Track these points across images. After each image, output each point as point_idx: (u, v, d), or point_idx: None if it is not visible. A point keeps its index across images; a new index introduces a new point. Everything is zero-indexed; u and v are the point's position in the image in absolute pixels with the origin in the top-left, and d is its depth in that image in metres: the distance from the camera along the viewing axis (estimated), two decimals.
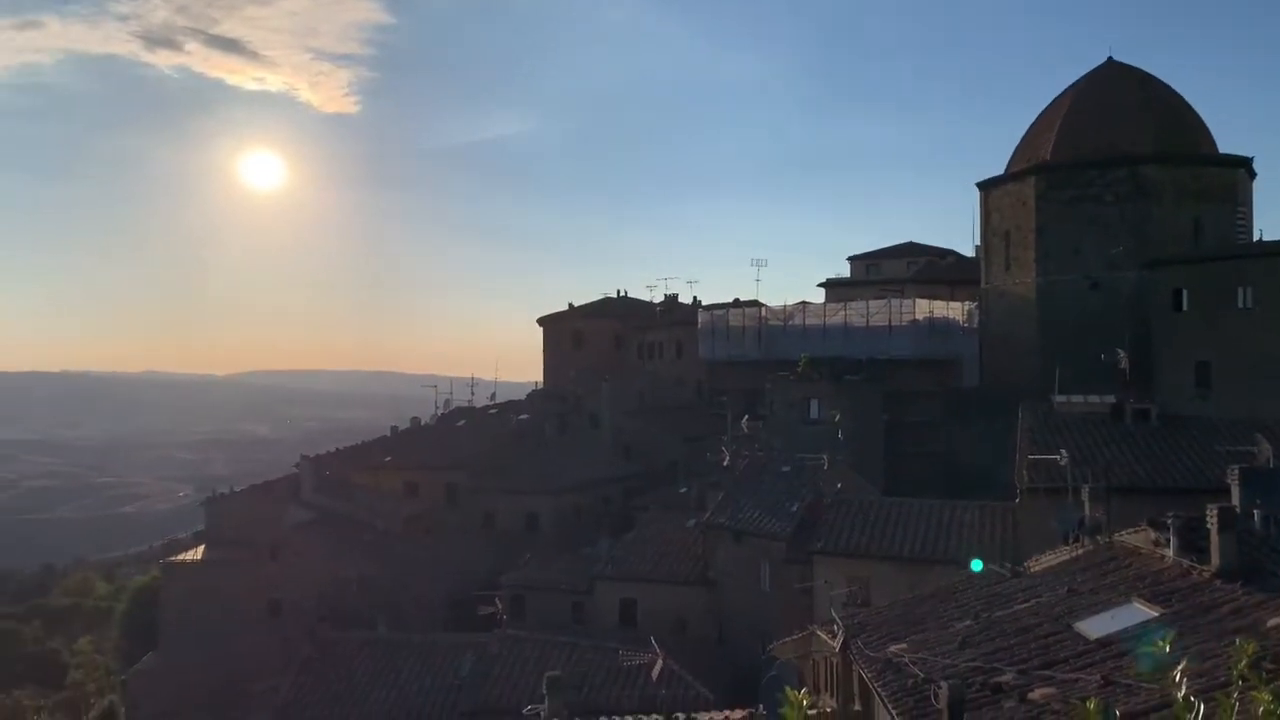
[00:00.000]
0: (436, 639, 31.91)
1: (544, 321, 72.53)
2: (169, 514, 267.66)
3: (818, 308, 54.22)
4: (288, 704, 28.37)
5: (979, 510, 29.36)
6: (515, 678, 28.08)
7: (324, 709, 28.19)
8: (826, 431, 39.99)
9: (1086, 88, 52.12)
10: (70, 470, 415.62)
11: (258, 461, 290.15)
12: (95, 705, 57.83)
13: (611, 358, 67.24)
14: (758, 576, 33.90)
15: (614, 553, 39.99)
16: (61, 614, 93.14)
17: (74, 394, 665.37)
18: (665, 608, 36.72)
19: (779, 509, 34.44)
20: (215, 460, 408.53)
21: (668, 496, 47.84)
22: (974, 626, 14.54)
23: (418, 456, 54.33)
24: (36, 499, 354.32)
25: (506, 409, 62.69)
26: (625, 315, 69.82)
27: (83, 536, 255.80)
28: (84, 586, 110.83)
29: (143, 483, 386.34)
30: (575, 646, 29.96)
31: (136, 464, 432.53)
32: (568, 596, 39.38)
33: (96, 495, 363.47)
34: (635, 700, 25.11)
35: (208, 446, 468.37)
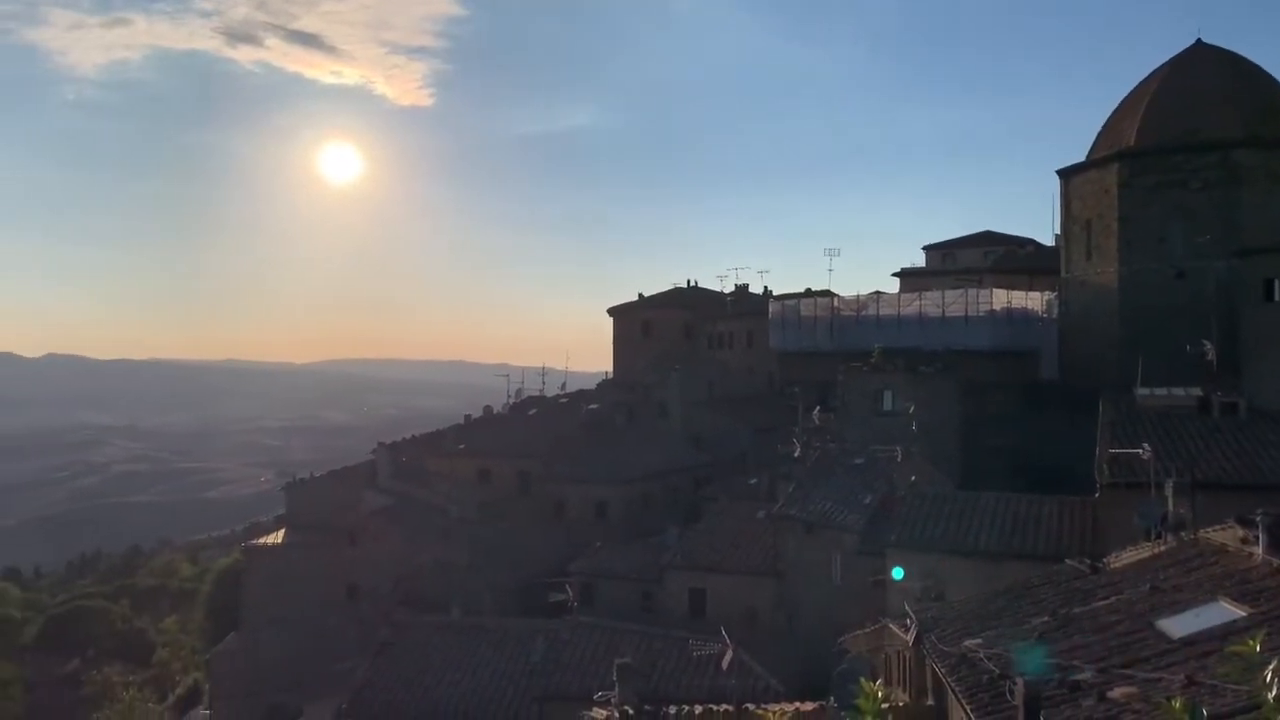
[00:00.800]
0: (509, 624, 32.33)
1: (614, 312, 72.76)
2: (251, 498, 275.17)
3: (892, 298, 53.50)
4: (365, 685, 29.02)
5: (1057, 505, 28.73)
6: (586, 664, 28.34)
7: (400, 691, 28.78)
8: (900, 424, 39.48)
9: (1173, 71, 50.47)
10: (157, 455, 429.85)
11: (336, 448, 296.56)
12: (180, 683, 59.85)
13: (681, 348, 67.21)
14: (829, 569, 33.67)
15: (683, 542, 40.06)
16: (148, 594, 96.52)
17: (161, 382, 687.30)
18: (735, 598, 36.68)
19: (851, 501, 34.14)
20: (295, 446, 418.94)
21: (737, 487, 47.73)
22: (1051, 623, 14.26)
23: (490, 444, 55.03)
24: (125, 483, 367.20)
25: (577, 399, 63.10)
26: (695, 305, 69.70)
27: (168, 520, 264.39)
28: (170, 568, 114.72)
29: (226, 468, 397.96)
30: (645, 634, 30.11)
31: (220, 450, 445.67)
32: (637, 585, 39.57)
33: (182, 480, 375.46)
34: (705, 689, 25.14)
35: (288, 433, 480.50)
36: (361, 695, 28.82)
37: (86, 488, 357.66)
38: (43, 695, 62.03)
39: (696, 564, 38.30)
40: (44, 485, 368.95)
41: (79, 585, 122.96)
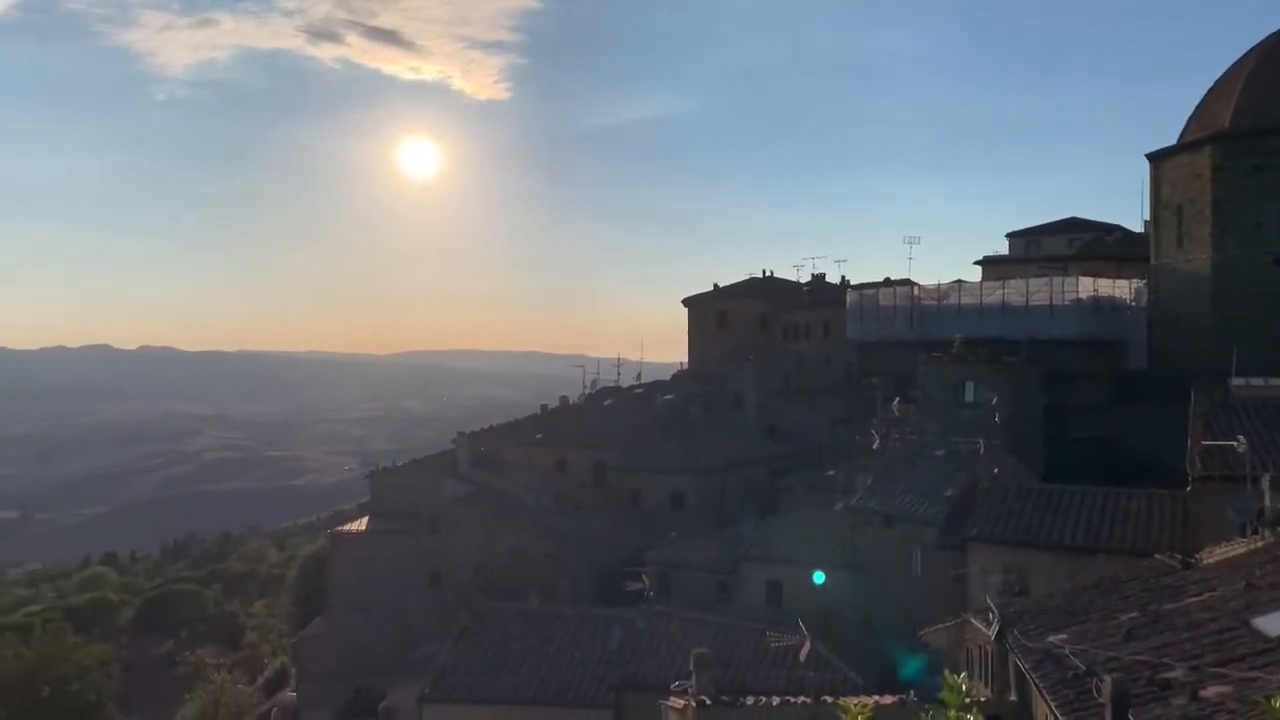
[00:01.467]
0: (586, 613, 32.62)
1: (689, 302, 72.71)
2: (336, 486, 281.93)
3: (974, 286, 52.46)
4: (446, 670, 29.58)
5: (1146, 498, 27.95)
6: (662, 653, 28.47)
7: (480, 676, 29.27)
8: (982, 415, 38.75)
9: (1270, 50, 48.52)
10: (246, 444, 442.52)
11: (417, 437, 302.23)
12: (269, 665, 61.63)
13: (757, 338, 66.89)
14: (908, 562, 33.26)
15: (759, 534, 39.94)
16: (238, 579, 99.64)
17: (249, 373, 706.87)
18: (812, 590, 36.43)
19: (932, 494, 33.66)
20: (378, 436, 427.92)
21: (814, 479, 47.37)
22: (1140, 619, 13.91)
23: (567, 435, 55.51)
24: (215, 471, 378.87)
25: (652, 389, 63.27)
26: (771, 295, 69.27)
27: (257, 507, 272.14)
28: (258, 553, 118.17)
29: (311, 457, 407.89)
30: (721, 625, 30.13)
31: (306, 439, 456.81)
32: (713, 576, 39.57)
33: (269, 468, 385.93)
34: (782, 681, 25.07)
35: (371, 423, 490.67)
36: (443, 679, 29.38)
37: (179, 475, 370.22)
38: (140, 675, 64.46)
39: (773, 556, 38.15)
40: (139, 473, 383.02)
41: (173, 570, 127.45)
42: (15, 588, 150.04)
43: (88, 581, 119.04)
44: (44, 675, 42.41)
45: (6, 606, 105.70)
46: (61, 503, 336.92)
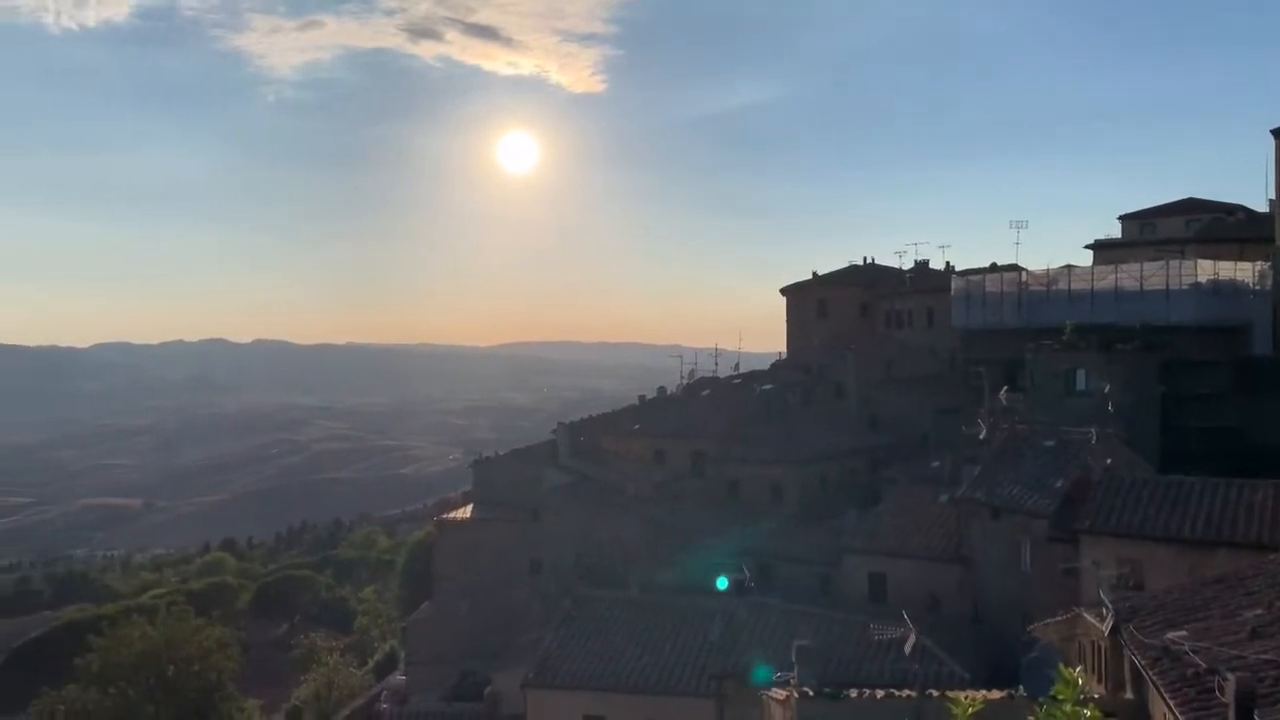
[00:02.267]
0: (686, 602, 32.70)
1: (787, 291, 72.04)
2: (441, 475, 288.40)
3: (1085, 271, 50.71)
4: (549, 656, 30.02)
5: (1274, 490, 26.65)
6: (763, 644, 28.36)
7: (582, 663, 29.62)
8: (1094, 404, 37.48)
9: None
10: (355, 434, 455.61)
11: (518, 427, 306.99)
12: (379, 649, 63.45)
13: (857, 327, 65.91)
14: (1017, 555, 32.42)
15: (862, 525, 39.41)
16: (349, 565, 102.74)
17: (358, 365, 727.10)
18: (916, 583, 35.84)
19: (1041, 485, 32.73)
20: (480, 426, 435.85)
21: (917, 470, 46.52)
22: (1265, 616, 13.29)
23: (665, 425, 55.62)
24: (327, 460, 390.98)
25: (750, 379, 62.91)
26: (872, 283, 68.14)
27: (366, 495, 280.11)
28: (368, 540, 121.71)
29: (418, 446, 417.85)
30: (823, 617, 29.88)
31: (412, 429, 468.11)
32: (814, 568, 39.23)
33: (378, 457, 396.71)
34: (886, 674, 24.74)
35: (473, 413, 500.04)
36: (546, 665, 29.83)
37: (292, 465, 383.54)
38: (257, 657, 67.13)
39: (876, 548, 37.62)
40: (255, 462, 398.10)
41: (287, 556, 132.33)
42: (141, 572, 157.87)
43: (208, 566, 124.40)
44: (169, 655, 44.39)
45: (133, 590, 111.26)
46: (182, 491, 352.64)
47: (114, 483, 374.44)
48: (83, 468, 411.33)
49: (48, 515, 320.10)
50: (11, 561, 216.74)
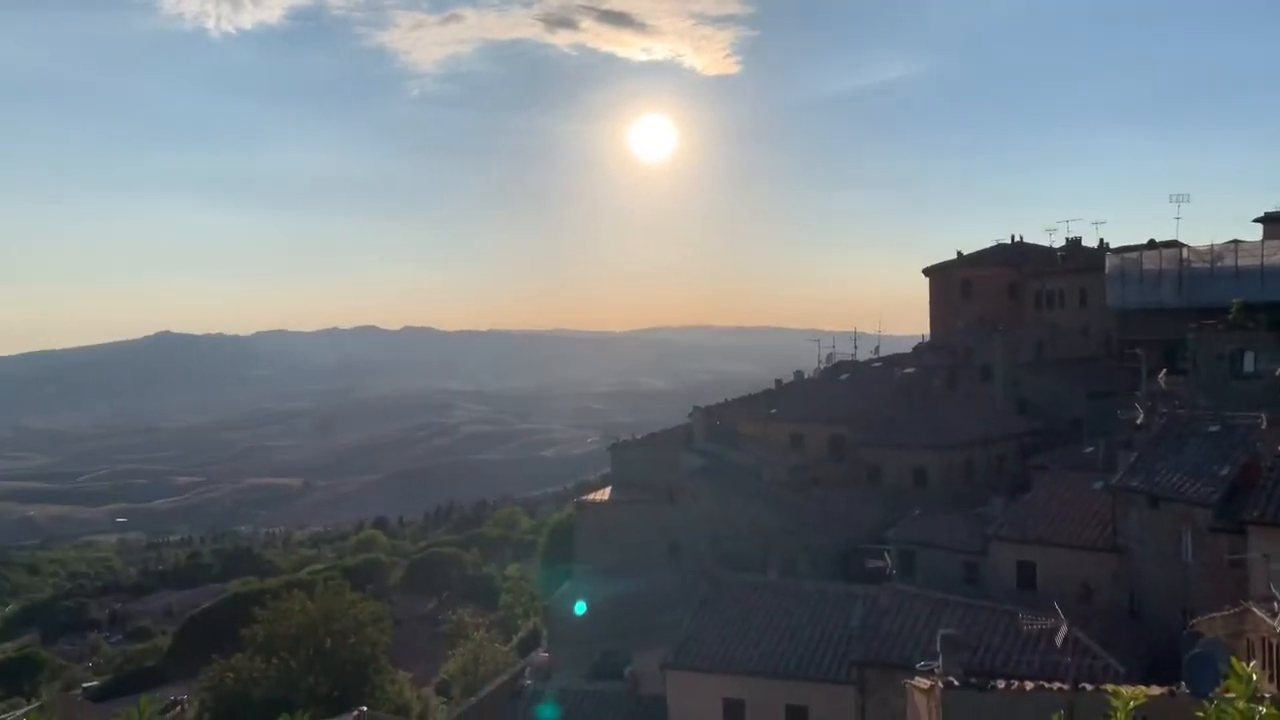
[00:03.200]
0: (826, 588, 32.35)
1: (930, 271, 70.06)
2: (580, 458, 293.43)
3: (1253, 247, 47.53)
4: (688, 638, 30.19)
5: None
6: (906, 632, 27.80)
7: (721, 646, 29.68)
8: (1264, 387, 35.16)
9: None
10: (499, 418, 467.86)
11: (654, 411, 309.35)
12: (522, 626, 65.06)
13: (1005, 308, 63.60)
14: (1177, 546, 30.75)
15: (1010, 513, 38.10)
16: (494, 543, 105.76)
17: (501, 350, 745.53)
18: (1068, 574, 34.45)
19: (1204, 472, 30.91)
20: (617, 410, 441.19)
21: (1069, 456, 44.63)
22: None
23: (802, 409, 55.02)
24: (472, 443, 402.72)
25: (891, 363, 61.54)
26: (1021, 262, 65.59)
27: (509, 476, 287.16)
28: (511, 520, 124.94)
29: (558, 429, 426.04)
30: (969, 607, 29.05)
31: (552, 412, 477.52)
32: (959, 556, 38.15)
33: (520, 440, 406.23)
34: (1036, 666, 23.89)
35: (611, 397, 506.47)
36: (685, 647, 30.01)
37: (440, 447, 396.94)
38: (408, 630, 69.87)
39: (1026, 536, 36.31)
40: (405, 444, 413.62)
41: (435, 534, 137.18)
42: (300, 548, 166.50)
43: (362, 543, 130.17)
44: (326, 628, 46.56)
45: (293, 565, 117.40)
46: (338, 471, 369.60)
47: (275, 463, 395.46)
48: (247, 448, 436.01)
49: (216, 494, 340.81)
50: (184, 536, 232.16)
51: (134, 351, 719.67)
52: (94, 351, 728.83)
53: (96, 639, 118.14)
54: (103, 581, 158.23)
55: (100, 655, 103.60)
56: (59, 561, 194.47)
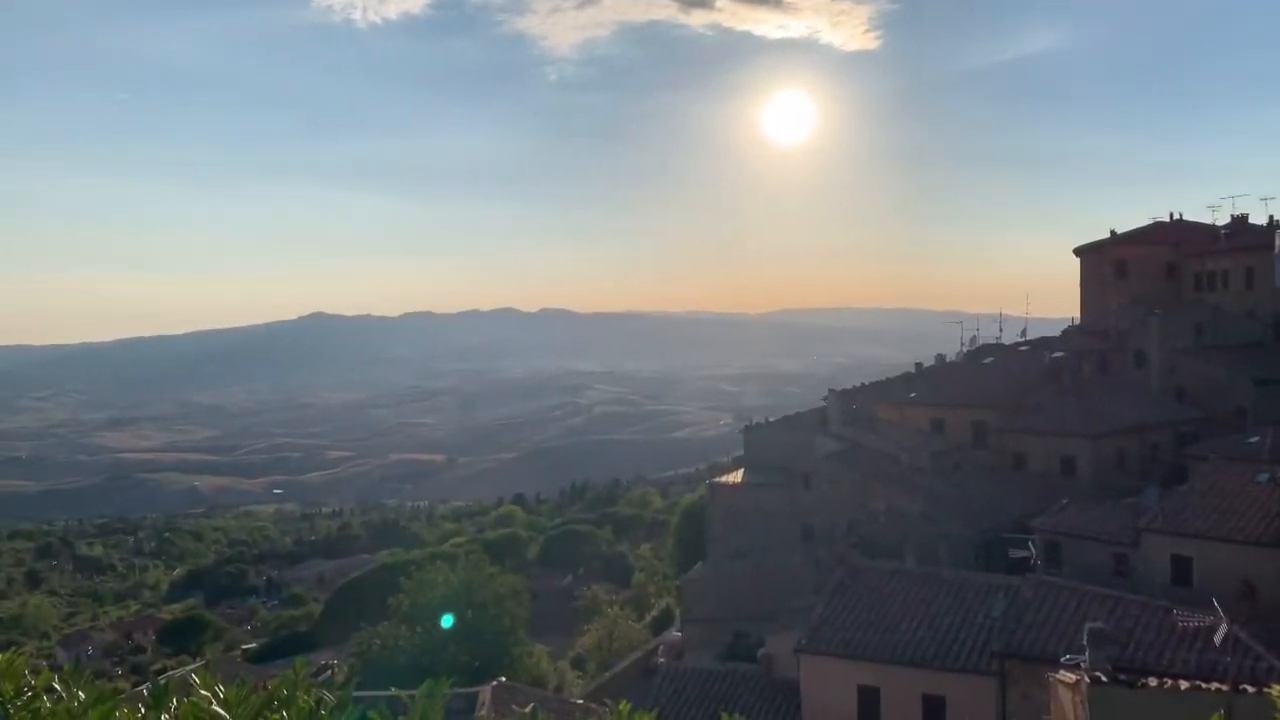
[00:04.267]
0: (966, 577, 31.58)
1: (1081, 251, 67.08)
2: (712, 439, 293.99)
3: None
4: (822, 622, 29.98)
5: None
6: (1050, 625, 26.91)
7: (857, 631, 29.37)
8: None
9: None
10: (631, 399, 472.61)
11: (787, 394, 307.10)
12: (655, 605, 65.77)
13: (1162, 289, 60.41)
14: None
15: (1165, 504, 36.31)
16: (626, 522, 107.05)
17: (634, 332, 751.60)
18: (1228, 570, 32.63)
19: None
20: (750, 392, 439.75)
21: (1231, 446, 42.17)
22: None
23: (943, 393, 53.65)
24: (605, 423, 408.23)
25: (1038, 346, 59.30)
26: (1179, 240, 62.11)
27: (642, 456, 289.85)
28: (644, 500, 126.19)
29: (690, 411, 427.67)
30: (1119, 600, 27.88)
31: (685, 394, 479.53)
32: (1109, 547, 36.60)
33: (652, 421, 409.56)
34: (1191, 665, 22.81)
35: (744, 380, 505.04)
36: (819, 631, 29.81)
37: (575, 426, 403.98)
38: (545, 604, 71.52)
39: (1182, 529, 34.54)
40: (541, 423, 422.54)
41: (570, 512, 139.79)
42: (443, 521, 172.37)
43: (501, 519, 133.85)
44: (467, 599, 48.05)
45: (436, 538, 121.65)
46: (478, 448, 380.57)
47: (420, 440, 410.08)
48: (394, 425, 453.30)
49: (365, 468, 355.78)
50: (335, 509, 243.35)
51: (289, 331, 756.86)
52: (253, 331, 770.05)
53: (254, 604, 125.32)
54: (260, 549, 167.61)
55: (258, 619, 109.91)
56: (221, 530, 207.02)
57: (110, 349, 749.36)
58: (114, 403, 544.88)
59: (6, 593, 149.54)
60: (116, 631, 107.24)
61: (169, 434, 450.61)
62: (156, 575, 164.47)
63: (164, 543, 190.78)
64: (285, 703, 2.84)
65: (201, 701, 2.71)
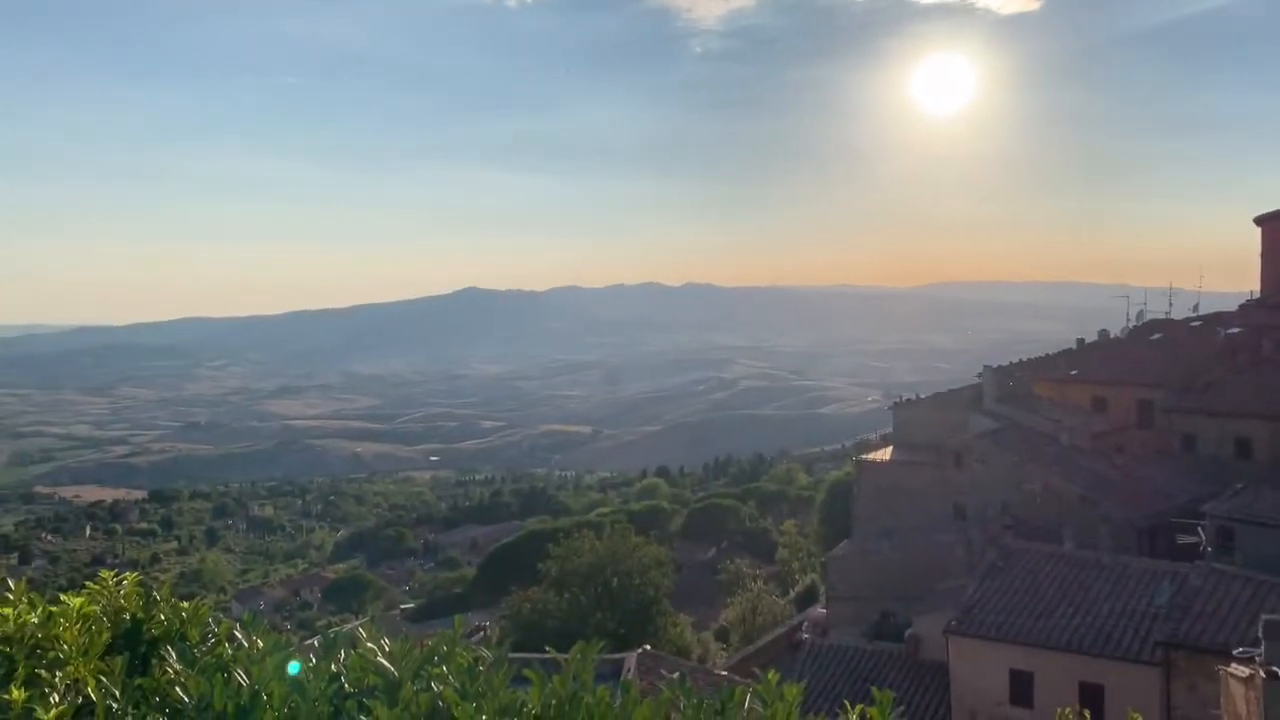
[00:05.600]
0: (1129, 562, 30.16)
1: (1263, 220, 62.44)
2: (859, 416, 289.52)
3: None
4: (973, 604, 29.21)
5: None
6: (1221, 615, 25.47)
7: (1010, 615, 28.50)
8: None
9: None
10: (776, 373, 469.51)
11: (939, 370, 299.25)
12: (799, 582, 65.41)
13: None
14: None
15: None
16: (771, 498, 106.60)
17: (779, 305, 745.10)
18: None
19: None
20: (899, 368, 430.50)
21: None
22: None
23: (1107, 371, 51.16)
24: (750, 397, 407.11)
25: (1212, 322, 55.73)
26: None
27: (786, 432, 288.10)
28: (788, 476, 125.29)
29: (836, 387, 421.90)
30: None
31: (831, 370, 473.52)
32: None
33: (797, 396, 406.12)
34: None
35: (893, 355, 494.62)
36: (970, 614, 29.06)
37: (718, 401, 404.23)
38: (688, 576, 72.11)
39: None
40: (685, 397, 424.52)
41: (714, 485, 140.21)
42: (589, 491, 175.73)
43: (644, 491, 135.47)
44: (613, 568, 48.94)
45: (583, 507, 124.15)
46: (623, 421, 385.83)
47: (567, 411, 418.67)
48: (542, 396, 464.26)
49: (514, 438, 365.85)
50: (487, 476, 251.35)
51: (444, 305, 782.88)
52: (410, 305, 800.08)
53: (412, 565, 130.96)
54: (417, 514, 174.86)
55: (415, 580, 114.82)
56: (381, 494, 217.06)
57: (278, 321, 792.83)
58: (283, 372, 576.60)
59: (188, 549, 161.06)
60: (285, 588, 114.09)
61: (333, 402, 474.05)
62: (322, 536, 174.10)
63: (329, 505, 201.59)
64: (445, 658, 2.95)
65: (368, 654, 2.85)
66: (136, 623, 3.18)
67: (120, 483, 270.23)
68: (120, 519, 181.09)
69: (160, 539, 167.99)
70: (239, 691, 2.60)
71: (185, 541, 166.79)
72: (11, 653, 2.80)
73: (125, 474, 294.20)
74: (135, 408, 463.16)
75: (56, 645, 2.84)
